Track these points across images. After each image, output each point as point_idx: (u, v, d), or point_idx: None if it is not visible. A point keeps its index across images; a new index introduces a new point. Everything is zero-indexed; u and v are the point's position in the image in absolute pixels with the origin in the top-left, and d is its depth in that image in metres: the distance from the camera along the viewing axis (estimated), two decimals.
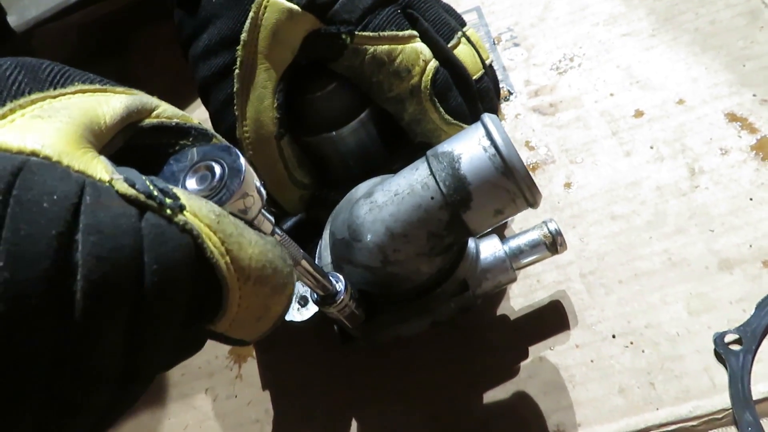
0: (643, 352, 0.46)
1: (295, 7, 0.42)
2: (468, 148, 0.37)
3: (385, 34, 0.43)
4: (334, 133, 0.46)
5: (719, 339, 0.44)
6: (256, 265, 0.25)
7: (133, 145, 0.27)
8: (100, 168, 0.22)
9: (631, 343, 0.46)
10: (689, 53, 0.59)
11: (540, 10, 0.67)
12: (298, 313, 0.42)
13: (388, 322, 0.43)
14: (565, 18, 0.65)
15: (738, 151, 0.52)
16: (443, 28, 0.46)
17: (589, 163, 0.55)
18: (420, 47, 0.44)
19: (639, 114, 0.57)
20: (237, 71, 0.43)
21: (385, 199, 0.39)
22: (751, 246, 0.47)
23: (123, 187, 0.21)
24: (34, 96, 0.23)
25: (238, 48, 0.42)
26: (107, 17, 0.98)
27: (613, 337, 0.47)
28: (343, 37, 0.43)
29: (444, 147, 0.38)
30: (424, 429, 0.47)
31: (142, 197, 0.21)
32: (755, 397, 0.42)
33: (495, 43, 0.67)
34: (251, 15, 0.42)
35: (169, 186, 0.23)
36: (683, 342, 0.45)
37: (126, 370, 0.22)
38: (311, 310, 0.42)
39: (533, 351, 0.48)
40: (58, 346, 0.19)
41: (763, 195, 0.49)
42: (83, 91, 0.25)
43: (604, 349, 0.46)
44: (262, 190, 0.28)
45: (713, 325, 0.45)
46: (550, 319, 0.49)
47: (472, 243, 0.44)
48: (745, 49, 0.57)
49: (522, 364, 0.47)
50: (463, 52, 0.46)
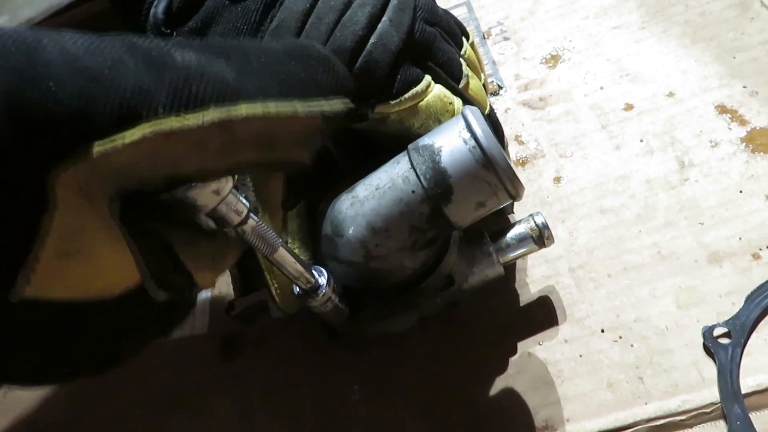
0: (631, 346, 0.45)
1: None
2: (448, 140, 0.36)
3: (407, 96, 0.40)
4: None
5: (708, 332, 0.44)
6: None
7: None
8: None
9: (620, 337, 0.46)
10: (679, 45, 0.58)
11: (530, 4, 0.66)
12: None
13: (374, 318, 0.42)
14: (554, 11, 0.65)
15: (728, 143, 0.52)
16: (453, 68, 0.43)
17: (579, 157, 0.55)
18: (441, 91, 0.41)
19: (629, 107, 0.56)
20: None
21: (367, 193, 0.38)
22: (740, 239, 0.47)
23: None
24: None
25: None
26: (99, 16, 0.98)
27: (602, 331, 0.46)
28: (362, 110, 0.39)
29: (425, 140, 0.38)
30: (412, 425, 0.47)
31: None
32: (744, 390, 0.41)
33: (485, 38, 0.66)
34: None
35: None
36: (672, 336, 0.45)
37: None
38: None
39: (522, 346, 0.47)
40: None
41: (752, 187, 0.49)
42: None
43: (592, 343, 0.46)
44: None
45: (702, 318, 0.45)
46: (539, 315, 0.48)
47: (457, 237, 0.43)
48: (735, 41, 0.57)
49: (510, 360, 0.47)
50: (473, 89, 0.44)
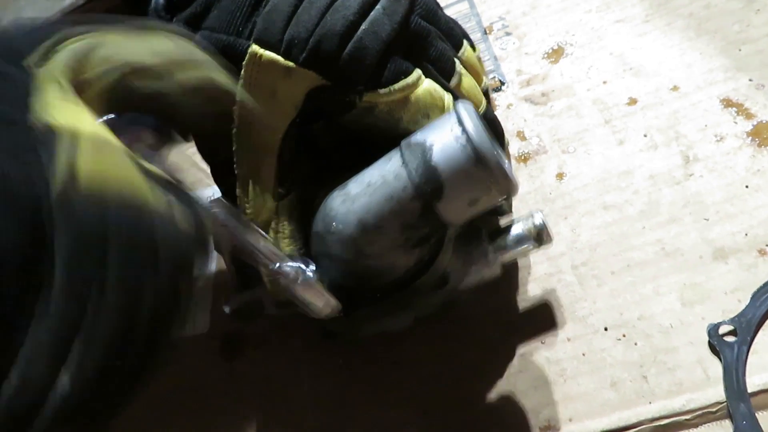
0: (635, 344, 0.45)
1: (291, 64, 0.37)
2: (440, 137, 0.36)
3: (396, 87, 0.38)
4: None
5: (713, 330, 0.43)
6: None
7: None
8: None
9: (624, 335, 0.45)
10: (684, 38, 0.57)
11: None
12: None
13: (368, 317, 0.42)
14: (556, 5, 0.64)
15: (733, 137, 0.51)
16: (445, 64, 0.42)
17: (582, 153, 0.54)
18: (430, 87, 0.40)
19: (632, 101, 0.55)
20: (234, 130, 0.40)
21: (358, 190, 0.38)
22: (746, 234, 0.46)
23: None
24: None
25: (234, 108, 0.39)
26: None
27: (605, 329, 0.46)
28: (350, 97, 0.38)
29: (417, 136, 0.37)
30: (413, 424, 0.46)
31: None
32: (750, 389, 0.41)
33: (486, 33, 0.65)
34: (243, 74, 0.38)
35: None
36: (676, 334, 0.44)
37: None
38: None
39: (523, 345, 0.47)
40: None
41: (759, 182, 0.48)
42: None
43: (595, 342, 0.46)
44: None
45: (707, 316, 0.44)
46: (541, 313, 0.48)
47: (453, 236, 0.43)
48: (740, 33, 0.56)
49: (512, 359, 0.46)
50: (465, 88, 0.43)
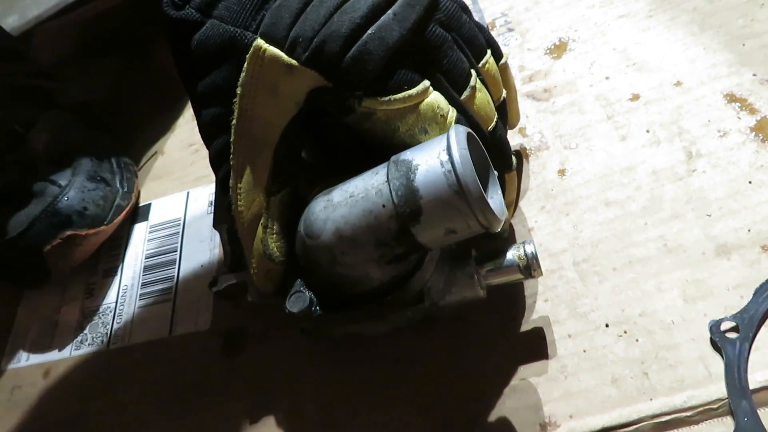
0: (637, 341, 0.44)
1: (294, 62, 0.37)
2: (427, 159, 0.35)
3: (397, 97, 0.38)
4: None
5: (715, 327, 0.43)
6: None
7: None
8: None
9: (625, 332, 0.45)
10: (687, 33, 0.57)
11: None
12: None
13: (339, 321, 0.42)
14: (559, 1, 0.64)
15: (737, 132, 0.50)
16: (458, 76, 0.40)
17: (584, 149, 0.54)
18: (435, 101, 0.39)
19: (635, 97, 0.55)
20: (234, 122, 0.40)
21: (341, 199, 0.37)
22: (749, 230, 0.46)
23: None
24: None
25: (235, 100, 0.39)
26: (106, 14, 0.98)
27: (607, 326, 0.46)
28: (350, 101, 0.38)
29: (406, 155, 0.36)
30: (413, 420, 0.46)
31: None
32: (752, 386, 0.40)
33: (489, 29, 0.65)
34: (246, 67, 0.38)
35: None
36: (678, 330, 0.44)
37: None
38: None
39: (524, 342, 0.47)
40: None
41: (762, 178, 0.48)
42: None
43: (597, 338, 0.45)
44: None
45: (709, 312, 0.44)
46: (542, 310, 0.48)
47: (437, 255, 0.42)
48: (745, 28, 0.55)
49: (512, 355, 0.46)
50: (478, 104, 0.41)
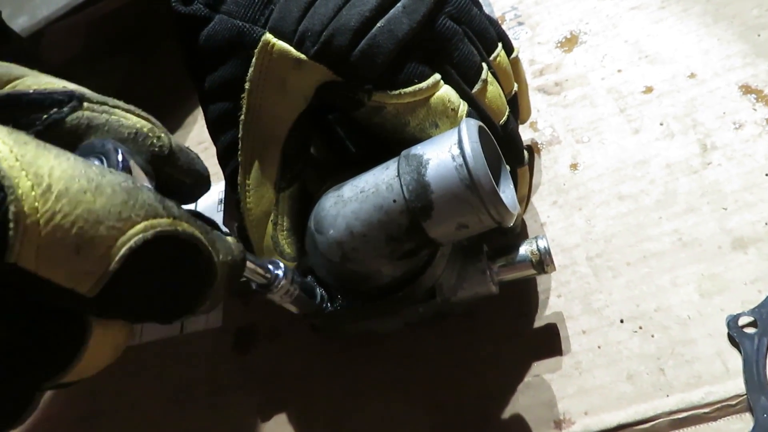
0: (652, 336, 0.44)
1: (302, 56, 0.37)
2: (438, 153, 0.34)
3: (407, 90, 0.37)
4: None
5: (732, 322, 0.42)
6: (59, 178, 0.22)
7: None
8: None
9: (640, 327, 0.44)
10: (700, 24, 0.56)
11: None
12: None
13: (350, 317, 0.42)
14: None
15: (753, 124, 0.50)
16: (469, 69, 0.40)
17: (596, 142, 0.53)
18: (446, 94, 0.38)
19: (648, 90, 0.54)
20: (242, 117, 0.40)
21: (351, 194, 0.37)
22: (766, 224, 0.45)
23: None
24: None
25: (243, 95, 0.39)
26: (115, 13, 0.99)
27: (621, 321, 0.45)
28: (359, 95, 0.37)
29: (417, 149, 0.36)
30: (426, 418, 0.46)
31: None
32: None
33: (499, 22, 0.65)
34: (254, 62, 0.38)
35: None
36: (694, 325, 0.43)
37: None
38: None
39: (538, 338, 0.46)
40: None
41: None
42: None
43: (611, 334, 0.45)
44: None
45: (726, 307, 0.43)
46: (556, 306, 0.47)
47: (448, 251, 0.42)
48: (759, 18, 0.54)
49: (526, 352, 0.46)
50: (489, 97, 0.41)
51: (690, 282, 0.45)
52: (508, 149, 0.42)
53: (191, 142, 0.72)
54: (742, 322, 0.42)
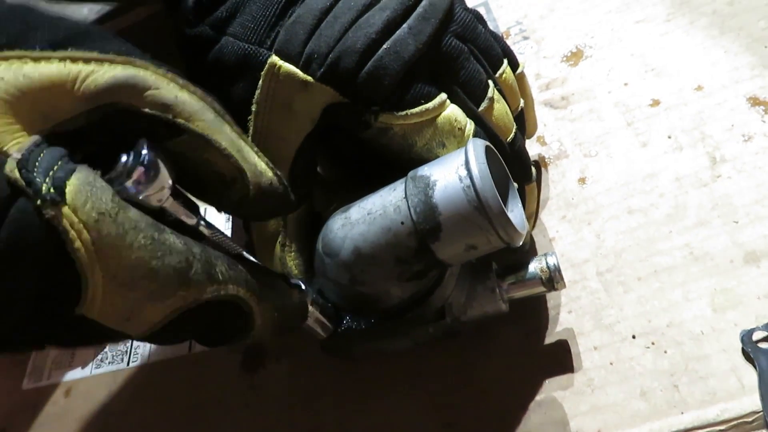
0: (665, 352, 0.43)
1: (309, 79, 0.37)
2: (445, 174, 0.34)
3: (414, 111, 0.37)
4: None
5: (747, 337, 0.41)
6: (124, 270, 0.25)
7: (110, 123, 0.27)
8: (9, 141, 0.23)
9: (653, 343, 0.44)
10: (707, 37, 0.56)
11: (549, 1, 0.65)
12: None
13: (360, 338, 0.41)
14: (575, 7, 0.63)
15: (762, 136, 0.49)
16: (475, 88, 0.40)
17: (604, 156, 0.53)
18: (453, 114, 0.38)
19: (655, 103, 0.54)
20: (249, 138, 0.39)
21: (359, 216, 0.37)
22: None
23: (10, 166, 0.23)
24: (6, 52, 0.24)
25: (250, 118, 0.39)
26: (132, 29, 0.99)
27: (633, 337, 0.44)
28: (366, 117, 0.37)
29: (424, 170, 0.36)
30: None
31: (20, 182, 0.23)
32: None
33: (504, 38, 0.65)
34: (261, 84, 0.38)
35: (65, 176, 0.24)
36: (708, 341, 0.43)
37: None
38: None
39: (549, 355, 0.46)
40: None
41: None
42: (72, 59, 0.26)
43: (623, 350, 0.44)
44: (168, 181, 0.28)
45: (740, 322, 0.42)
46: (567, 322, 0.47)
47: (457, 271, 0.42)
48: (766, 30, 0.54)
49: (537, 369, 0.45)
50: (496, 115, 0.41)
51: (702, 296, 0.44)
52: (516, 166, 0.41)
53: None
54: (757, 336, 0.41)
